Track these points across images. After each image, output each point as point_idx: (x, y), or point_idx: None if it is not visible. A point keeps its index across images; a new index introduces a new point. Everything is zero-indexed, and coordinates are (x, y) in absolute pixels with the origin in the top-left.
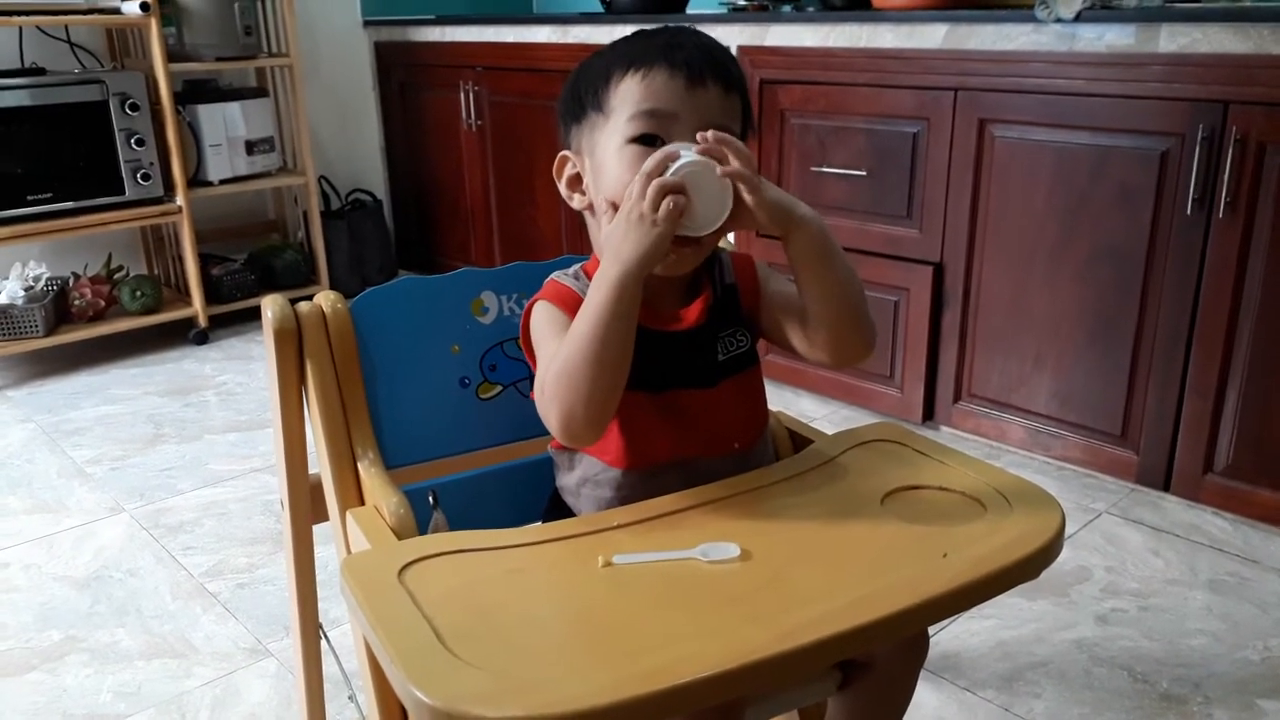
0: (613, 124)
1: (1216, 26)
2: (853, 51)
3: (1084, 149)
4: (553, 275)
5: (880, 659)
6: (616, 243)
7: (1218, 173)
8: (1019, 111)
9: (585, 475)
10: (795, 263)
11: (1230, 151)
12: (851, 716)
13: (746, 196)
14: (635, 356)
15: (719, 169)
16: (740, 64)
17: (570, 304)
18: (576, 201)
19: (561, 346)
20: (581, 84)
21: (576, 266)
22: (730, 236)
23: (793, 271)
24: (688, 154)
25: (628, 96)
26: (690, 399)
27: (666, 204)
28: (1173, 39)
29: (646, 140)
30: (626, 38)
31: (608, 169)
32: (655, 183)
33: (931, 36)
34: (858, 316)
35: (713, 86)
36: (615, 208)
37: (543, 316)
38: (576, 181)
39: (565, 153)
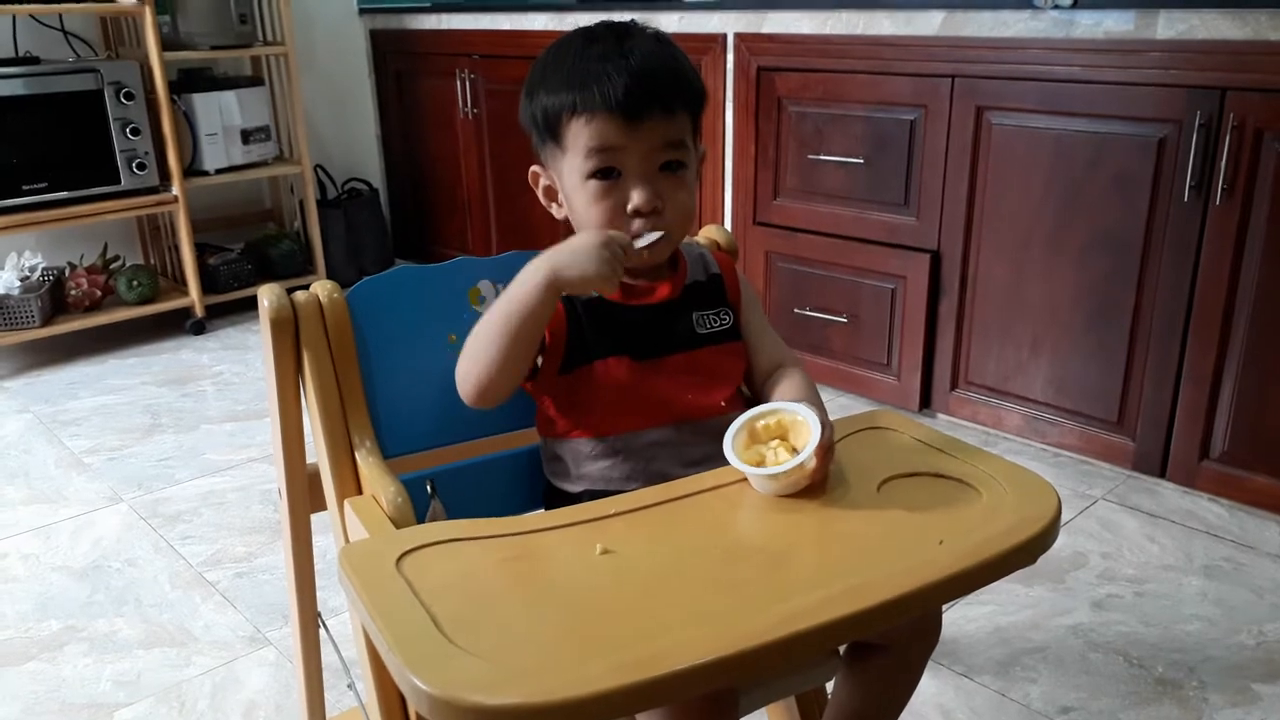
0: (570, 159)
1: (1214, 13)
2: (850, 38)
3: (1081, 136)
4: None
5: (894, 642)
6: (566, 256)
7: (1215, 159)
8: (1016, 98)
9: (579, 452)
10: None
11: (1227, 138)
12: (859, 697)
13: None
14: (616, 328)
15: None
16: (694, 66)
17: None
18: (555, 211)
19: (474, 333)
20: (536, 109)
21: None
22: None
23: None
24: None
25: (578, 137)
26: (672, 364)
27: (619, 253)
28: (1170, 25)
29: (602, 174)
30: (567, 48)
31: (574, 200)
32: (616, 235)
33: (929, 23)
34: None
35: (653, 115)
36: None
37: None
38: (552, 192)
39: (536, 168)
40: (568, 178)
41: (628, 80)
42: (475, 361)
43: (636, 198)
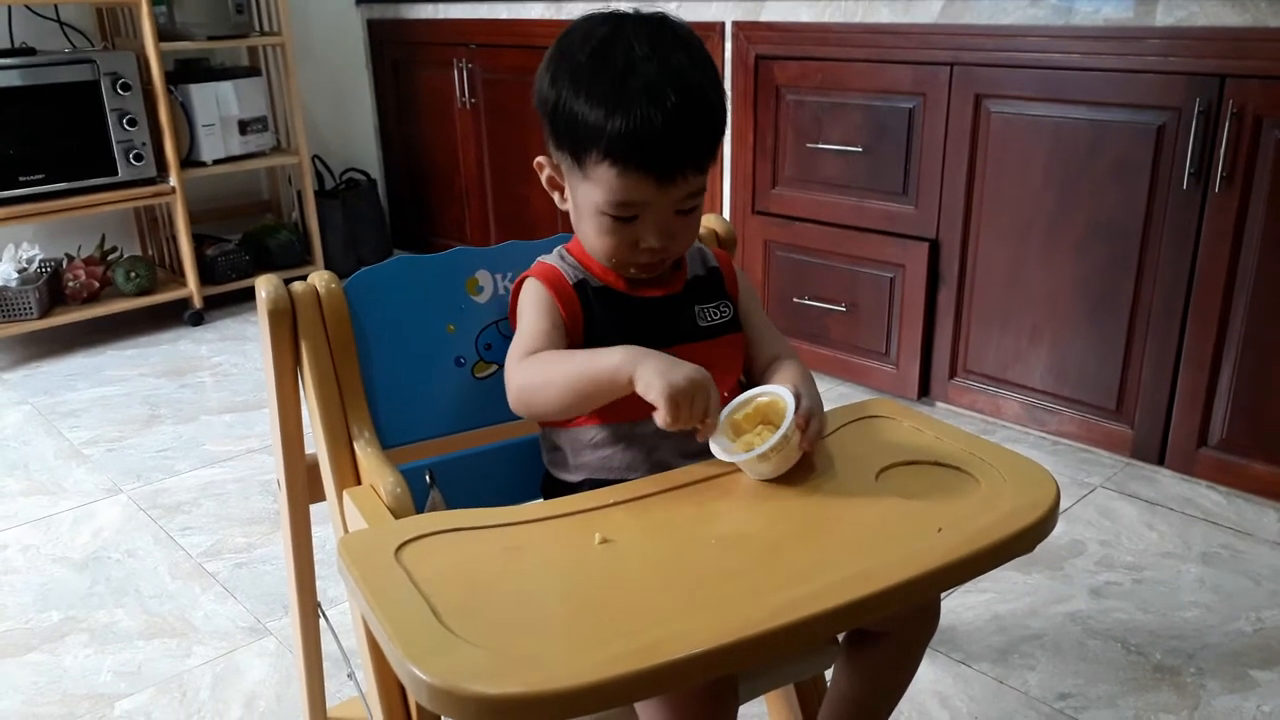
0: (589, 189)
1: (1213, 0)
2: (849, 26)
3: (1080, 123)
4: (540, 258)
5: (893, 630)
6: (660, 368)
7: (1214, 146)
8: (1015, 86)
9: (579, 441)
10: None
11: (1227, 125)
12: (858, 685)
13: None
14: (622, 318)
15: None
16: (721, 85)
17: (552, 281)
18: (559, 201)
19: (548, 364)
20: (562, 108)
21: (560, 247)
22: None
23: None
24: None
25: (604, 180)
26: (675, 356)
27: (700, 427)
28: (1170, 12)
29: (621, 219)
30: (606, 51)
31: (583, 219)
32: (706, 399)
33: (927, 11)
34: None
35: (685, 175)
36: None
37: (529, 291)
38: (557, 184)
39: (542, 159)
40: (581, 199)
41: (666, 132)
42: (537, 394)
43: (651, 239)
